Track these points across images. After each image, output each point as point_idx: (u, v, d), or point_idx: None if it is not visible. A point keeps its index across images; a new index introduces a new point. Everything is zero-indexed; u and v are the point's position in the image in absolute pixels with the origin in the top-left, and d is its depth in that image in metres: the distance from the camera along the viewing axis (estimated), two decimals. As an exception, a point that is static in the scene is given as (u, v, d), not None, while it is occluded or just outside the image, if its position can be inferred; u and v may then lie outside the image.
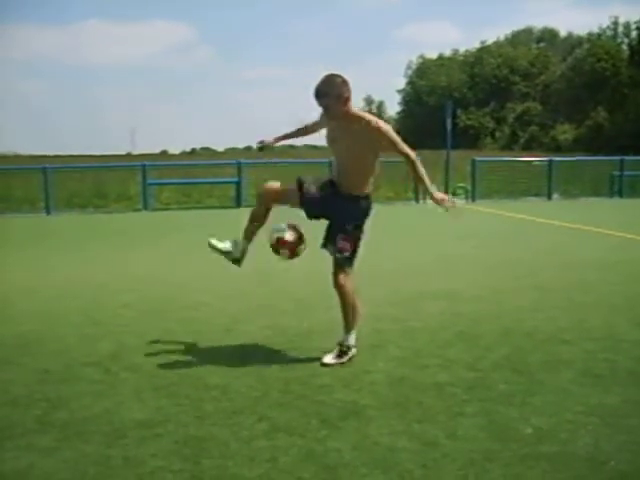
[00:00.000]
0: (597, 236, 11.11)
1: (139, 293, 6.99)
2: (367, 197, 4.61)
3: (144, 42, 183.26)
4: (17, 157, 54.91)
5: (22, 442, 3.45)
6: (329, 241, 4.62)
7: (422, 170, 4.53)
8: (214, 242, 4.88)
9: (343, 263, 4.58)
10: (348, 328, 4.64)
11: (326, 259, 4.74)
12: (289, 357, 4.76)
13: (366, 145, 4.42)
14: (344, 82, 4.41)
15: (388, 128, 4.47)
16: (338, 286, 4.58)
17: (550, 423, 3.57)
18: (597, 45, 67.99)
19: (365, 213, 4.63)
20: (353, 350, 4.63)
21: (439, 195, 4.52)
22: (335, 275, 4.59)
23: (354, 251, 4.61)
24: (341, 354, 4.58)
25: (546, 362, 4.58)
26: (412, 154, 4.53)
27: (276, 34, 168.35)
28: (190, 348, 5.04)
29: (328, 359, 4.55)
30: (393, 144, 4.46)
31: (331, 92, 4.37)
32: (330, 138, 4.62)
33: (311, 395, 4.04)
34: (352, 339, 4.64)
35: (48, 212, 16.60)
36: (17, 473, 3.12)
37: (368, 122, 4.41)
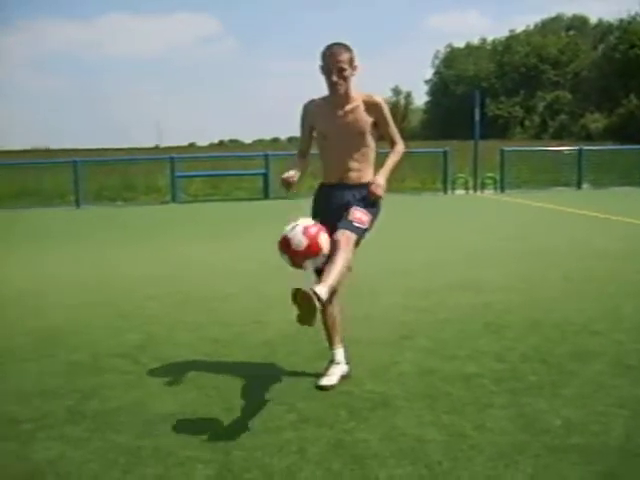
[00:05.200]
0: (628, 226, 10.96)
1: (165, 285, 7.04)
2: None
3: (171, 35, 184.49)
4: (48, 151, 55.58)
5: (54, 432, 3.50)
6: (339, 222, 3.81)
7: (395, 160, 4.03)
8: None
9: (354, 231, 3.77)
10: (328, 283, 3.53)
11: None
12: (317, 348, 4.74)
13: (367, 124, 3.93)
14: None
15: (385, 105, 4.03)
16: (339, 245, 3.67)
17: (580, 415, 3.54)
18: (630, 32, 66.78)
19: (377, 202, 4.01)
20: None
21: (375, 185, 3.86)
22: (339, 235, 3.71)
23: (367, 230, 3.91)
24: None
25: (576, 353, 4.53)
26: (401, 144, 4.07)
27: (303, 24, 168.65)
28: (217, 339, 5.06)
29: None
30: (386, 123, 3.99)
31: (349, 53, 3.84)
32: (324, 129, 3.99)
33: (339, 386, 4.04)
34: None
35: (78, 205, 16.77)
36: (48, 463, 3.16)
37: (368, 98, 3.95)
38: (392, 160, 4.05)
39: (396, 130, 4.10)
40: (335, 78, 3.83)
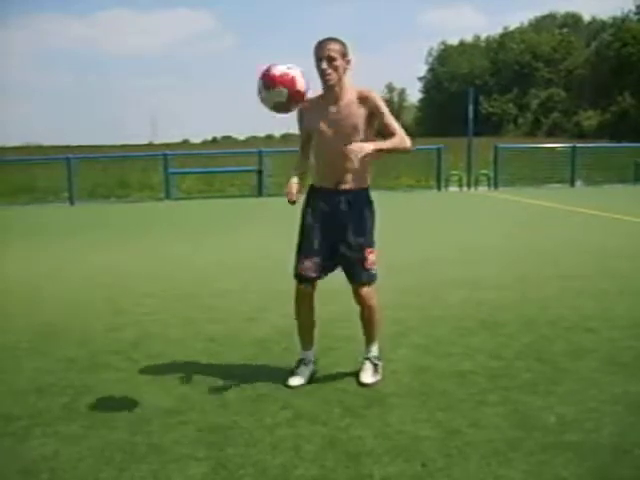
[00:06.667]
0: (621, 223, 10.99)
1: (162, 282, 7.03)
2: (368, 190, 3.98)
3: (167, 31, 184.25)
4: (40, 148, 55.30)
5: (49, 429, 3.49)
6: (350, 266, 3.95)
7: (395, 142, 3.77)
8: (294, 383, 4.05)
9: (373, 279, 3.99)
10: (373, 340, 4.15)
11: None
12: (311, 345, 4.77)
13: (362, 117, 3.77)
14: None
15: (378, 96, 3.84)
16: (367, 303, 4.00)
17: (574, 412, 3.55)
18: (623, 29, 66.86)
19: (373, 210, 4.00)
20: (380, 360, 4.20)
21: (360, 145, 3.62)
22: (362, 292, 3.98)
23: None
24: (376, 368, 4.11)
25: (570, 351, 4.55)
26: (402, 134, 3.80)
27: (296, 22, 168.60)
28: (213, 337, 5.06)
29: (368, 379, 4.04)
30: (382, 113, 3.79)
31: (340, 45, 3.72)
32: (317, 125, 3.84)
33: (334, 383, 4.05)
34: (377, 349, 4.19)
35: (72, 202, 16.74)
36: (44, 459, 3.16)
37: (361, 91, 3.80)
38: (392, 141, 3.78)
39: (396, 123, 3.83)
40: (325, 65, 3.69)
